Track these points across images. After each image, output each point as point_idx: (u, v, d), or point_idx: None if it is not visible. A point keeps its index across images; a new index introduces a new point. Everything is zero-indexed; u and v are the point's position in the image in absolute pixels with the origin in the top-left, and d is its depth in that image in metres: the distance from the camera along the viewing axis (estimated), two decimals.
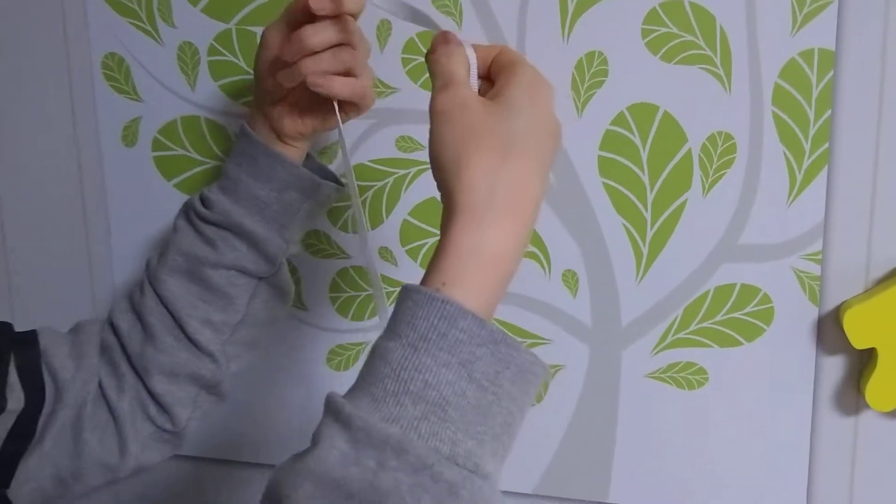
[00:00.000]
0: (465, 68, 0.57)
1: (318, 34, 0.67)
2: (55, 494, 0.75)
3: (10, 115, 0.93)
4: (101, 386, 0.75)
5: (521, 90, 0.54)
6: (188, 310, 0.75)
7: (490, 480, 0.48)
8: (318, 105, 0.71)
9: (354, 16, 0.68)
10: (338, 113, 0.70)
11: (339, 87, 0.68)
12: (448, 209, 0.52)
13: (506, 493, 0.88)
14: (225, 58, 0.84)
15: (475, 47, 0.58)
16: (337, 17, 0.67)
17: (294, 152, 0.75)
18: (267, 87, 0.72)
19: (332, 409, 0.48)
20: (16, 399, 0.71)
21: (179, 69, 0.86)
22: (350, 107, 0.71)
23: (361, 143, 0.83)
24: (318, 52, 0.68)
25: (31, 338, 0.75)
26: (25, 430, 0.72)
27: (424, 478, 0.45)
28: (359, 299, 0.87)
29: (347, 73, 0.69)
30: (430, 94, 0.58)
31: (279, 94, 0.72)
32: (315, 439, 0.47)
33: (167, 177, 0.89)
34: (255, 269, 0.74)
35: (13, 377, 0.72)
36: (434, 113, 0.54)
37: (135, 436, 0.76)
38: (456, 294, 0.49)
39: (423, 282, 0.50)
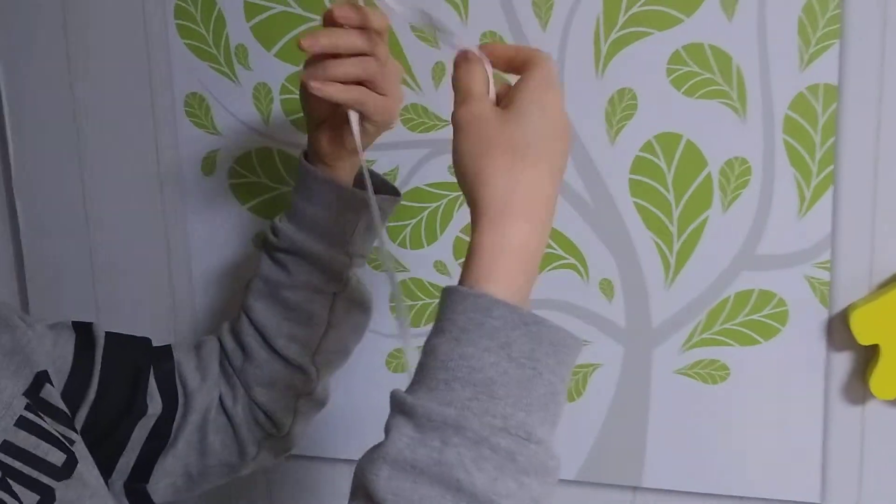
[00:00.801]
0: (484, 83, 0.59)
1: (345, 36, 0.68)
2: (184, 489, 0.79)
3: (101, 149, 0.98)
4: (220, 395, 0.80)
5: (531, 97, 0.56)
6: (275, 329, 0.78)
7: (543, 445, 0.51)
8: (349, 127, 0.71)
9: (381, 33, 0.69)
10: (354, 125, 0.69)
11: (337, 91, 0.68)
12: (473, 214, 0.55)
13: None
14: (295, 96, 0.90)
15: (497, 47, 0.60)
16: (364, 30, 0.68)
17: (342, 173, 0.76)
18: (308, 111, 0.75)
19: (396, 403, 0.52)
20: (155, 405, 0.77)
21: (255, 106, 0.91)
22: (370, 121, 0.71)
23: (419, 169, 0.88)
24: (342, 57, 0.68)
25: (167, 351, 0.80)
26: (162, 433, 0.77)
27: (484, 449, 0.49)
28: (415, 308, 0.91)
29: (370, 84, 0.69)
30: None
31: (318, 118, 0.74)
32: (386, 430, 0.52)
33: (243, 201, 0.95)
34: (326, 286, 0.77)
35: (153, 386, 0.77)
36: (455, 126, 0.57)
37: (250, 439, 0.80)
38: (487, 287, 0.52)
39: (460, 281, 0.54)
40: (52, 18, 0.97)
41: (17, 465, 0.61)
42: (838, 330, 0.82)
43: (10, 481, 0.60)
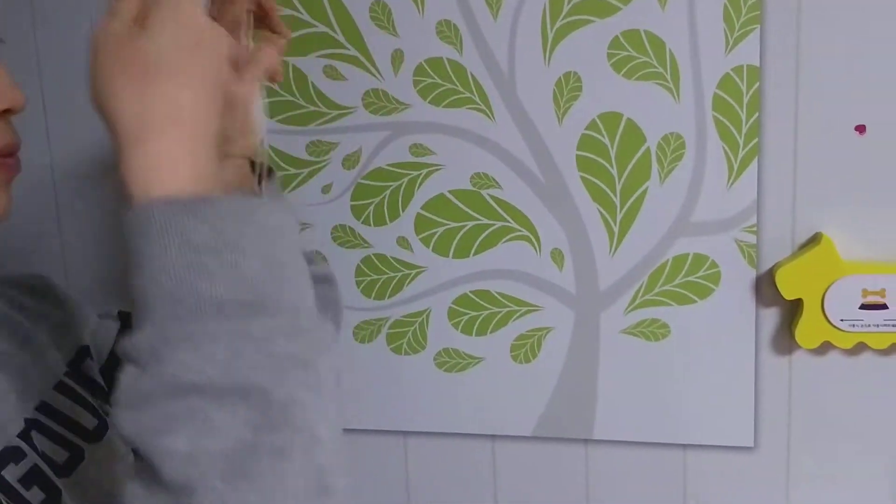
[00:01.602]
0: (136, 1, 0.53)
1: None
2: None
3: (70, 143, 1.00)
4: None
5: (162, 11, 0.51)
6: None
7: (293, 312, 0.47)
8: None
9: None
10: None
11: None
12: (114, 139, 0.50)
13: (508, 437, 0.96)
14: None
15: None
16: None
17: None
18: None
19: (118, 356, 0.49)
20: None
21: None
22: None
23: (381, 150, 0.91)
24: None
25: None
26: None
27: (201, 341, 0.45)
28: (379, 282, 0.95)
29: None
30: (436, 108, 0.64)
31: None
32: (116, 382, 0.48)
33: None
34: None
35: None
36: (90, 47, 0.52)
37: None
38: (152, 197, 0.48)
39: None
40: (21, 15, 0.98)
41: (51, 423, 0.64)
42: (765, 287, 0.87)
43: (41, 436, 0.63)
